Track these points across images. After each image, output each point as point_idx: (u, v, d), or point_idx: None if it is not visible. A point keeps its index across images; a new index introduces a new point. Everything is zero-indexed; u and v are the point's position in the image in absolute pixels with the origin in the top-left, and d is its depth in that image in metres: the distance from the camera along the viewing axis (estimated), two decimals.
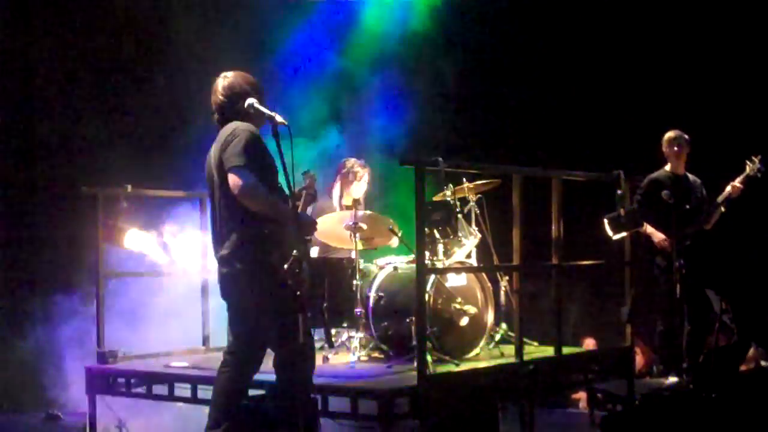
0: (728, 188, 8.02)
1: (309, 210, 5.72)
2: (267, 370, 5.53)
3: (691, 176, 8.25)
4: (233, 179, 5.08)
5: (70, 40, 9.14)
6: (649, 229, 7.92)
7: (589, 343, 9.29)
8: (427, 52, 10.04)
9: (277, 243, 5.13)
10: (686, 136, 8.15)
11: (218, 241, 5.36)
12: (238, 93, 5.32)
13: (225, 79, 5.39)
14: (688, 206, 7.96)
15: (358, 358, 6.72)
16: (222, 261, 5.32)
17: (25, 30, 9.02)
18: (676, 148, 8.11)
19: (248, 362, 5.41)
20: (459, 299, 6.69)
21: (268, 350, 5.47)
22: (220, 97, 5.37)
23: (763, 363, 8.50)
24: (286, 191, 5.07)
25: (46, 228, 9.07)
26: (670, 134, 8.18)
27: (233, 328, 5.45)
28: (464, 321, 6.70)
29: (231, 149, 5.12)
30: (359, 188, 7.59)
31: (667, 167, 8.19)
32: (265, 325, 5.29)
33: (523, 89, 10.14)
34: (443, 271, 6.67)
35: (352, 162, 7.62)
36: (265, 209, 5.14)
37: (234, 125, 5.26)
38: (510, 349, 6.90)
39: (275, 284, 5.08)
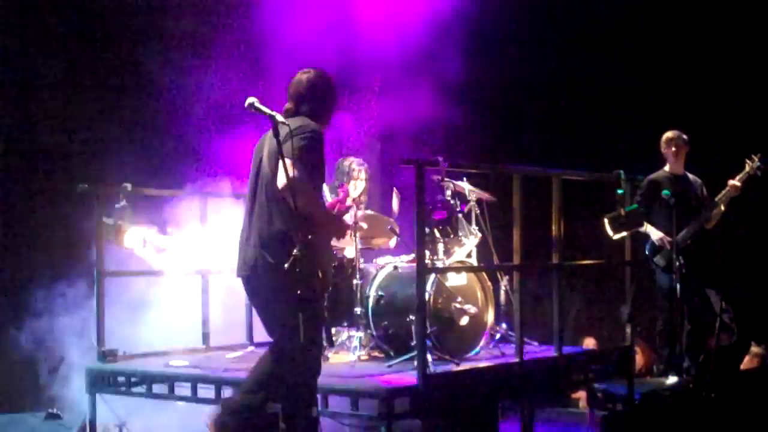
0: (728, 187, 8.02)
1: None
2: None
3: (690, 176, 8.25)
4: (292, 170, 4.99)
5: (69, 40, 9.14)
6: (649, 227, 7.92)
7: (590, 343, 9.29)
8: (428, 51, 10.03)
9: (311, 245, 5.06)
10: (684, 136, 8.15)
11: (247, 228, 5.31)
12: (321, 93, 5.38)
13: (314, 75, 5.42)
14: (687, 206, 7.96)
15: (359, 357, 6.72)
16: (247, 249, 5.28)
17: (23, 30, 9.01)
18: (673, 148, 8.11)
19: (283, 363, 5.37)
20: (459, 298, 6.69)
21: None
22: (302, 90, 5.39)
23: (764, 362, 8.50)
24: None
25: (45, 227, 9.06)
26: (668, 134, 8.18)
27: (268, 327, 5.42)
28: (464, 320, 6.70)
29: (296, 142, 5.08)
30: (357, 186, 7.57)
31: (666, 167, 8.20)
32: (281, 320, 5.23)
33: (523, 88, 10.13)
34: (443, 271, 6.67)
35: (349, 161, 7.60)
36: (305, 206, 5.07)
37: (302, 120, 5.25)
38: (510, 349, 6.90)
39: (307, 286, 5.03)
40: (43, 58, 9.12)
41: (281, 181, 5.02)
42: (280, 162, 4.96)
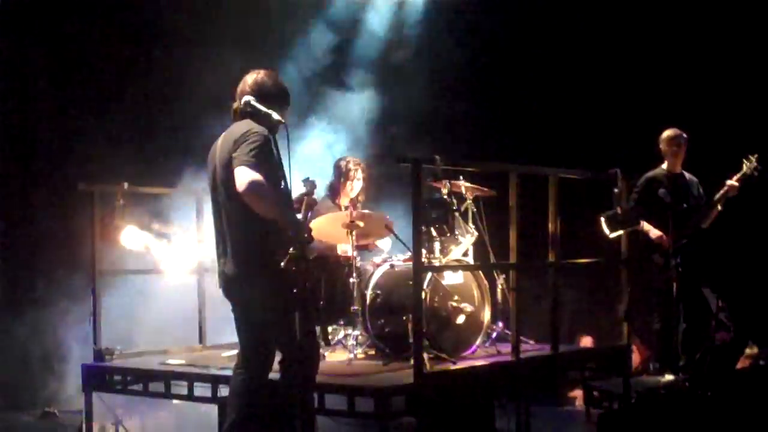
0: (725, 187, 8.03)
1: (308, 216, 5.71)
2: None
3: (687, 174, 8.25)
4: (241, 177, 5.01)
5: (67, 40, 9.13)
6: (645, 225, 7.92)
7: (587, 342, 9.30)
8: (424, 50, 10.04)
9: (280, 243, 5.08)
10: (684, 135, 8.15)
11: (220, 241, 5.33)
12: (265, 93, 5.32)
13: (258, 75, 5.38)
14: (685, 205, 7.96)
15: (355, 355, 6.72)
16: (225, 262, 5.29)
17: (21, 30, 9.00)
18: (675, 147, 8.11)
19: (259, 364, 5.39)
20: (456, 297, 6.69)
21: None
22: (247, 89, 5.35)
23: (760, 361, 8.51)
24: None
25: (41, 226, 9.06)
26: (669, 133, 8.16)
27: (242, 331, 5.43)
28: (461, 319, 6.70)
29: (244, 147, 5.06)
30: (354, 186, 7.58)
31: (664, 166, 8.20)
32: (269, 326, 5.26)
33: (519, 87, 10.13)
34: (440, 269, 6.67)
35: (346, 160, 7.61)
36: (268, 211, 5.08)
37: (248, 125, 5.22)
38: (506, 347, 6.90)
39: (280, 284, 5.05)
40: (40, 57, 9.11)
41: (240, 187, 5.01)
42: (235, 168, 5.00)
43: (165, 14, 9.30)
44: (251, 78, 5.38)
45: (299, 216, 5.15)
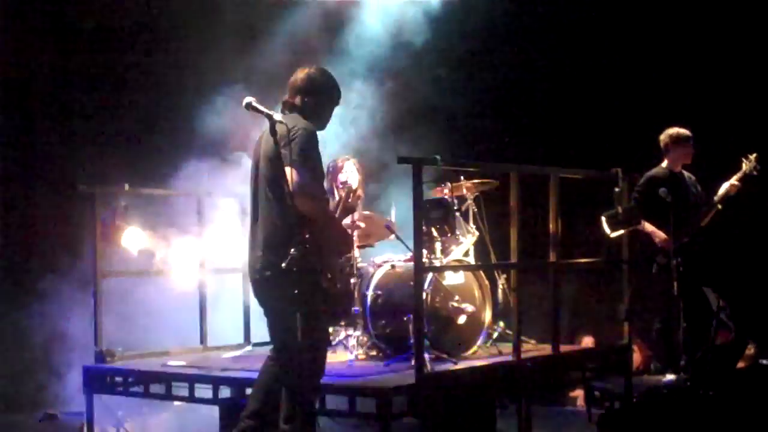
0: (726, 186, 8.01)
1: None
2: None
3: (686, 173, 8.25)
4: (294, 175, 4.95)
5: (68, 41, 9.14)
6: (649, 227, 7.89)
7: (588, 342, 9.29)
8: (423, 51, 10.03)
9: (315, 246, 5.03)
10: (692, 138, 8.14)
11: (257, 237, 5.26)
12: (317, 90, 5.34)
13: (310, 70, 5.39)
14: (685, 204, 7.95)
15: (356, 356, 6.72)
16: (256, 257, 5.24)
17: (22, 31, 9.01)
18: (687, 148, 8.07)
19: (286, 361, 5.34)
20: (457, 297, 6.69)
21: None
22: (299, 84, 5.36)
23: (761, 360, 8.51)
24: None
25: (42, 228, 9.06)
26: (680, 132, 8.09)
27: (273, 331, 5.37)
28: (462, 319, 6.71)
29: (295, 146, 5.03)
30: (349, 177, 7.47)
31: (664, 164, 8.18)
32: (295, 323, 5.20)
33: (520, 87, 10.13)
34: (441, 270, 6.67)
35: (335, 159, 7.57)
36: (317, 212, 5.06)
37: (295, 120, 5.20)
38: (507, 347, 6.90)
39: (316, 288, 5.02)
40: (40, 58, 9.11)
41: (295, 187, 4.95)
42: (286, 168, 4.93)
43: (166, 15, 9.30)
44: (303, 73, 5.39)
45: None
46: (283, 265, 4.84)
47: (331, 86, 5.44)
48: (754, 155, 8.00)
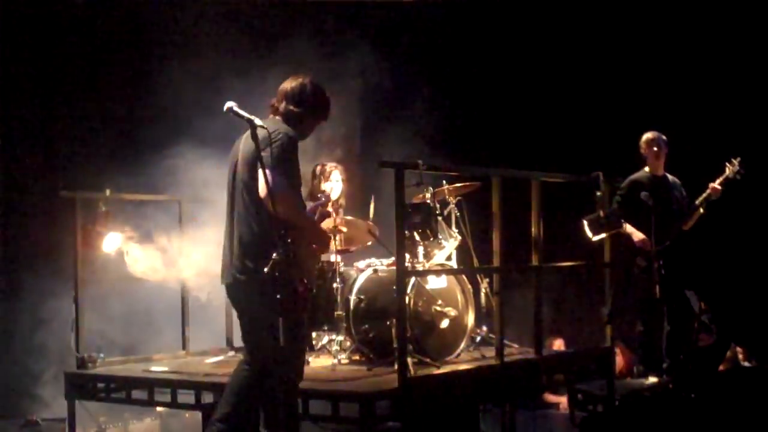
0: (708, 189, 8.06)
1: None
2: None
3: (670, 177, 8.28)
4: (270, 179, 4.93)
5: (52, 46, 9.09)
6: (628, 228, 7.93)
7: (558, 344, 9.29)
8: (409, 54, 10.04)
9: (293, 250, 5.03)
10: (664, 137, 8.18)
11: (234, 242, 5.25)
12: (304, 100, 5.33)
13: (301, 80, 5.39)
14: (667, 207, 7.98)
15: (339, 361, 6.71)
16: (232, 261, 5.24)
17: (6, 36, 8.96)
18: (654, 149, 8.14)
19: (262, 364, 5.35)
20: (439, 301, 6.69)
21: None
22: (288, 91, 5.36)
23: (742, 363, 8.55)
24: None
25: (22, 233, 9.01)
26: (648, 135, 8.20)
27: (248, 336, 5.37)
28: (445, 323, 6.70)
29: (274, 149, 5.04)
30: (333, 188, 7.52)
31: (646, 168, 8.22)
32: (260, 328, 5.22)
33: (502, 91, 10.15)
34: (423, 274, 6.67)
35: (322, 164, 7.59)
36: (294, 216, 5.06)
37: (275, 123, 5.22)
38: (490, 351, 6.91)
39: (291, 292, 5.02)
40: (23, 64, 9.06)
41: (262, 190, 4.99)
42: (260, 170, 4.94)
43: (150, 21, 9.27)
44: (296, 82, 5.40)
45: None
46: (266, 269, 4.83)
47: (318, 101, 5.42)
48: (738, 159, 8.04)
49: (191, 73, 8.63)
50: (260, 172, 4.92)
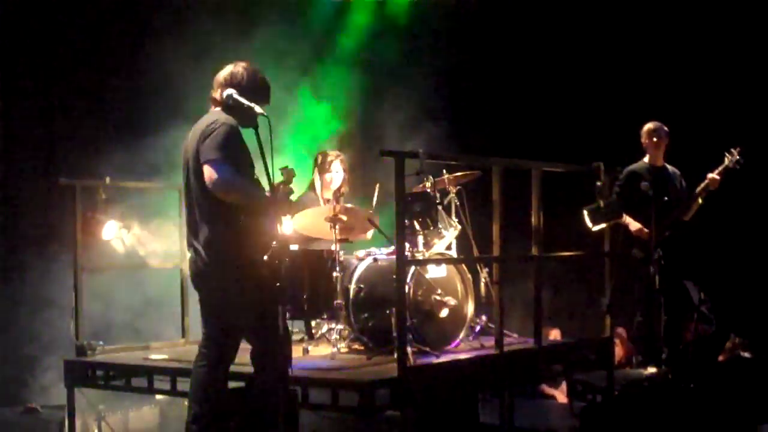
0: (707, 180, 8.06)
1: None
2: (245, 362, 5.55)
3: (669, 167, 8.28)
4: (209, 172, 5.08)
5: (48, 35, 9.06)
6: (626, 218, 7.94)
7: (555, 334, 9.29)
8: (407, 46, 10.03)
9: (252, 233, 5.13)
10: (665, 128, 8.18)
11: (192, 232, 5.36)
12: (245, 86, 5.33)
13: (237, 67, 5.40)
14: (666, 198, 7.98)
15: (339, 349, 6.71)
16: (195, 253, 5.31)
17: (1, 26, 8.93)
18: (655, 139, 8.14)
19: (222, 356, 5.43)
20: (439, 291, 6.69)
21: (245, 342, 5.48)
22: (225, 80, 5.37)
23: (741, 353, 8.56)
24: (265, 184, 5.09)
25: (21, 221, 8.99)
26: (649, 126, 8.20)
27: (206, 322, 5.47)
28: (444, 312, 6.70)
29: (209, 142, 5.11)
30: (334, 178, 7.55)
31: (646, 159, 8.22)
32: (239, 318, 5.28)
33: (502, 81, 10.14)
34: (423, 263, 6.66)
35: (324, 153, 7.61)
36: (241, 200, 5.17)
37: (215, 116, 5.25)
38: (490, 341, 6.91)
39: (251, 277, 5.09)
40: (20, 51, 9.03)
41: (209, 184, 5.09)
42: (203, 165, 5.08)
43: (148, 10, 9.24)
44: (230, 69, 5.40)
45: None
46: (266, 258, 4.87)
47: (253, 82, 5.41)
48: (737, 149, 8.03)
49: (195, 60, 8.59)
50: (202, 166, 5.08)
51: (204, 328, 5.51)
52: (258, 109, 5.20)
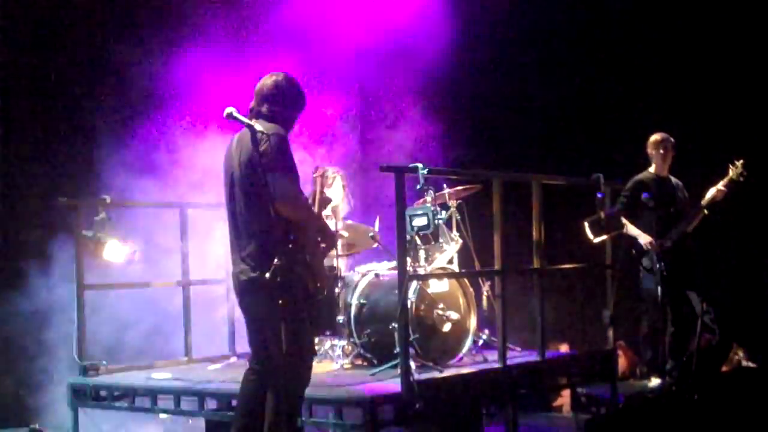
0: (712, 191, 8.04)
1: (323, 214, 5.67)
2: None
3: (673, 178, 8.29)
4: (282, 184, 4.99)
5: (48, 48, 9.07)
6: (633, 231, 7.92)
7: (563, 349, 9.28)
8: (409, 53, 10.03)
9: (301, 251, 5.06)
10: (672, 140, 8.19)
11: (240, 247, 5.24)
12: (285, 97, 5.34)
13: (278, 77, 5.38)
14: (672, 209, 7.99)
15: (342, 366, 6.72)
16: (241, 267, 5.22)
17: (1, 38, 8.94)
18: (662, 151, 8.14)
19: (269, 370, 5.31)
20: (441, 305, 6.69)
21: None
22: (266, 91, 5.34)
23: (745, 363, 8.54)
24: None
25: (24, 240, 8.98)
26: (656, 137, 8.20)
27: (253, 338, 5.34)
28: (447, 327, 6.70)
29: (274, 152, 5.05)
30: (333, 194, 7.53)
31: (652, 169, 8.22)
32: (266, 334, 5.20)
33: (503, 92, 10.14)
34: (425, 278, 6.67)
35: (324, 169, 7.57)
36: (302, 217, 5.10)
37: (267, 126, 5.17)
38: (493, 354, 6.90)
39: (299, 295, 5.02)
40: (20, 67, 9.04)
41: (280, 197, 4.98)
42: (267, 175, 4.93)
43: (147, 21, 9.26)
44: (271, 80, 5.38)
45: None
46: (267, 275, 4.83)
47: (296, 93, 5.41)
48: (741, 161, 8.03)
49: (197, 76, 8.58)
50: (269, 177, 4.93)
51: (251, 343, 5.42)
52: (258, 126, 5.18)
